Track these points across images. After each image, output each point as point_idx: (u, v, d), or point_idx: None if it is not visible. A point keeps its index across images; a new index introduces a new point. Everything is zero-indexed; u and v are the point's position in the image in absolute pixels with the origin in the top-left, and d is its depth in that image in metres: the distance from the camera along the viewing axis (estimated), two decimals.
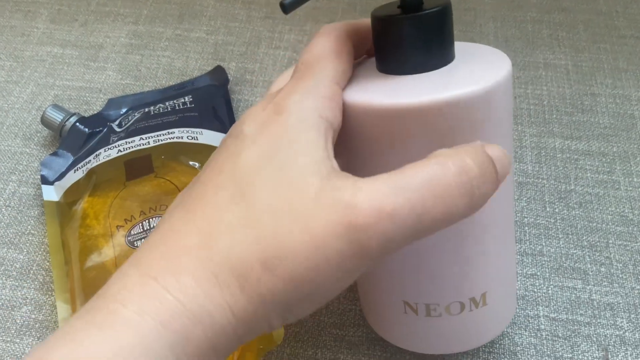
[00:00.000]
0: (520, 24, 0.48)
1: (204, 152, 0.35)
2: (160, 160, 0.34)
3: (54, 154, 0.38)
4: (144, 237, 0.31)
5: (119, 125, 0.38)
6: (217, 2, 0.50)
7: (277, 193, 0.19)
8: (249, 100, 0.43)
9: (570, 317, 0.32)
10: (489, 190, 0.19)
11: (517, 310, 0.33)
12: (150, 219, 0.31)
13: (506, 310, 0.28)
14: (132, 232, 0.31)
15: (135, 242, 0.31)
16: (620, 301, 0.33)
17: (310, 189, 0.18)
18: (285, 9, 0.20)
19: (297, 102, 0.20)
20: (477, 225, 0.24)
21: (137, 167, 0.34)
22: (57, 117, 0.39)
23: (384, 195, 0.18)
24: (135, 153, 0.34)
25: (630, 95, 0.43)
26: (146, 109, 0.39)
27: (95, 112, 0.41)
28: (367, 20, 0.24)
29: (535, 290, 0.33)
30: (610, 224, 0.36)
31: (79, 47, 0.47)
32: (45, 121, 0.40)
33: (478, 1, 0.50)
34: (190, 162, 0.34)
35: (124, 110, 0.40)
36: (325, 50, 0.22)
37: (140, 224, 0.31)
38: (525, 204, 0.37)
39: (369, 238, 0.18)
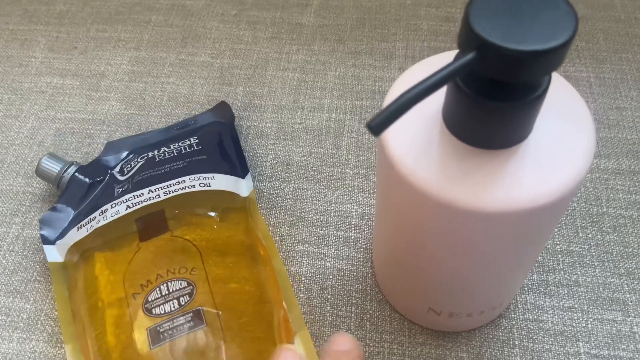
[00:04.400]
0: None
1: (217, 198, 0.33)
2: (174, 215, 0.32)
3: (53, 209, 0.35)
4: (163, 303, 0.29)
5: (121, 172, 0.36)
6: (220, 24, 0.49)
7: None
8: (258, 127, 0.41)
9: (612, 353, 0.30)
10: None
11: (557, 348, 0.31)
12: (169, 283, 0.29)
13: None
14: (149, 299, 0.29)
15: (153, 310, 0.28)
16: None
17: None
18: (374, 131, 0.16)
19: None
20: (510, 260, 0.24)
21: (150, 225, 0.31)
22: (54, 167, 0.36)
23: None
24: (146, 209, 0.32)
25: None
26: (150, 154, 0.36)
27: (94, 158, 0.39)
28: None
29: (574, 324, 0.31)
30: None
31: (80, 76, 0.45)
32: (41, 172, 0.36)
33: None
34: (209, 212, 0.32)
35: (124, 154, 0.38)
36: None
37: (157, 289, 0.29)
38: (556, 230, 0.35)
39: None
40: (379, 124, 0.17)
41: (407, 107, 0.17)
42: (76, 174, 0.36)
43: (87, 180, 0.36)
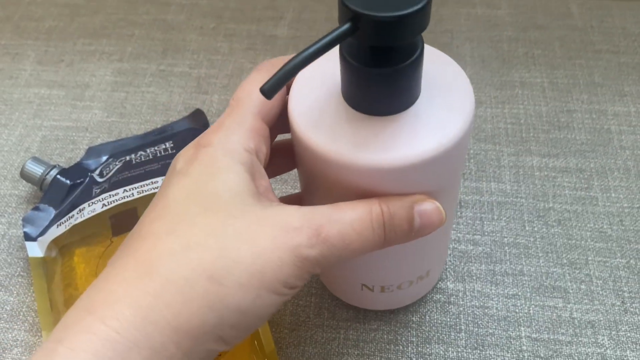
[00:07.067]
0: (496, 44, 0.49)
1: None
2: None
3: (36, 208, 0.38)
4: None
5: (100, 175, 0.38)
6: (199, 37, 0.51)
7: (213, 219, 0.21)
8: None
9: (551, 337, 0.33)
10: (401, 236, 0.23)
11: (500, 332, 0.33)
12: None
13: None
14: None
15: None
16: (601, 318, 0.33)
17: (248, 214, 0.21)
18: (266, 94, 0.19)
19: (222, 137, 0.23)
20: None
21: (123, 221, 0.34)
22: (37, 170, 0.39)
23: (321, 224, 0.21)
24: (121, 207, 0.34)
25: (606, 110, 0.44)
26: (127, 158, 0.39)
27: (76, 162, 0.41)
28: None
29: (517, 310, 0.34)
30: (589, 240, 0.36)
31: (66, 87, 0.48)
32: (25, 175, 0.39)
33: (454, 22, 0.51)
34: None
35: (104, 158, 0.40)
36: (254, 86, 0.24)
37: None
38: (504, 224, 0.37)
39: (307, 253, 0.21)
40: (270, 87, 0.20)
41: (294, 72, 0.20)
42: (58, 176, 0.39)
43: (67, 182, 0.39)
